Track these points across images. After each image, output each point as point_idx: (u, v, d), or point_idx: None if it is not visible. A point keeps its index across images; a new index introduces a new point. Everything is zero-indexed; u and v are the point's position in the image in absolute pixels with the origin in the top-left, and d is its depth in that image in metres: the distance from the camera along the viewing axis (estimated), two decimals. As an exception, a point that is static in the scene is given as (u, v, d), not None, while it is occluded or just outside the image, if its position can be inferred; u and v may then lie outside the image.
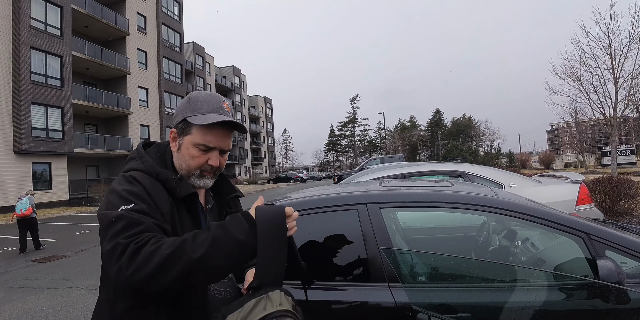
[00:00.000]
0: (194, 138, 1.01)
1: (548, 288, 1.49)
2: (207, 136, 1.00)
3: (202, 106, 1.02)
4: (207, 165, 1.03)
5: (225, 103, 1.06)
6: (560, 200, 3.68)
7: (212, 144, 1.01)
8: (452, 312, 1.47)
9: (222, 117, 1.00)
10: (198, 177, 1.04)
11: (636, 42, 12.34)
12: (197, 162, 1.02)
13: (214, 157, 1.03)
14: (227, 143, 1.04)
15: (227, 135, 1.04)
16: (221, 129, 1.02)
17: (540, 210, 1.70)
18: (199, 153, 1.01)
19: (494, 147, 77.06)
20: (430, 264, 1.78)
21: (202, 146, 1.01)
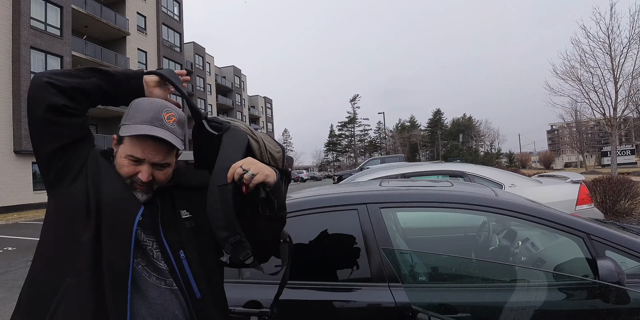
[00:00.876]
0: (125, 148, 0.96)
1: (548, 288, 1.49)
2: (134, 148, 0.94)
3: (138, 115, 0.95)
4: (137, 177, 0.96)
5: (168, 113, 0.97)
6: (560, 200, 3.68)
7: (140, 155, 0.94)
8: (452, 312, 1.47)
9: (152, 130, 0.92)
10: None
11: (636, 42, 12.35)
12: (126, 173, 0.96)
13: (143, 171, 0.95)
14: (158, 157, 0.96)
15: (160, 149, 0.95)
16: (152, 142, 0.94)
17: (540, 210, 1.70)
18: (128, 163, 0.95)
19: (494, 147, 77.10)
20: (430, 264, 1.78)
21: (130, 157, 0.95)
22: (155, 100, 1.00)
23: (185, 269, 0.96)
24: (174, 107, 1.02)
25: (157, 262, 0.95)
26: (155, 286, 0.94)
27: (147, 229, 0.96)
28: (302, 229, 1.78)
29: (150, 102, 0.99)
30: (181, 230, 0.99)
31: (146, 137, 0.92)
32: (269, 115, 66.39)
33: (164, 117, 0.96)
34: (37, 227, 12.88)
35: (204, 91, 40.26)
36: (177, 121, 0.99)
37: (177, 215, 1.01)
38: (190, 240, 0.99)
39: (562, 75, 13.93)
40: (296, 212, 1.77)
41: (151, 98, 1.01)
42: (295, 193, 2.26)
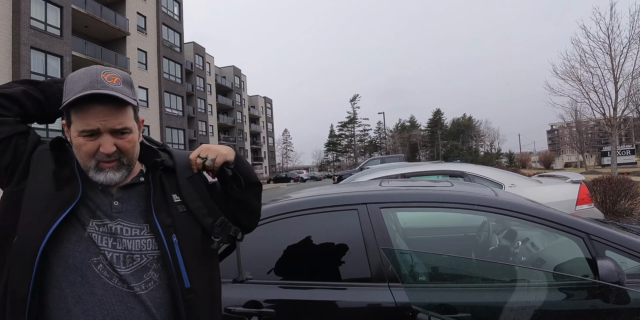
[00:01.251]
0: (74, 126, 0.85)
1: (548, 288, 1.49)
2: (84, 119, 0.83)
3: (75, 86, 0.84)
4: (101, 153, 0.85)
5: (107, 74, 0.87)
6: (560, 200, 3.68)
7: (93, 125, 0.83)
8: (452, 312, 1.47)
9: (91, 91, 0.82)
10: (96, 170, 0.87)
11: (636, 42, 12.34)
12: (86, 152, 0.85)
13: (104, 143, 0.84)
14: (113, 120, 0.84)
15: (112, 110, 0.84)
16: (99, 106, 0.83)
17: (540, 210, 1.70)
18: (85, 140, 0.84)
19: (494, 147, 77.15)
20: (430, 264, 1.78)
21: (83, 132, 0.84)
22: (90, 67, 0.89)
23: (177, 255, 0.88)
24: (115, 69, 0.92)
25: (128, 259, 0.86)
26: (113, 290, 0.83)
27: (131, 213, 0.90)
28: (302, 229, 1.79)
29: (85, 70, 0.89)
30: (174, 213, 0.92)
31: (90, 101, 0.82)
32: (269, 115, 66.38)
33: (103, 78, 0.85)
34: (37, 227, 13.09)
35: (203, 91, 40.27)
36: (122, 81, 0.88)
37: (169, 198, 0.94)
38: (182, 225, 0.92)
39: (562, 75, 13.92)
40: (296, 212, 1.78)
41: (82, 68, 0.92)
42: (295, 193, 2.26)
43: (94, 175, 0.87)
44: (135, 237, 0.88)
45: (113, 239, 0.86)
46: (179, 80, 29.60)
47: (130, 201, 0.92)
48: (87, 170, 0.88)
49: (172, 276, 0.86)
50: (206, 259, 0.97)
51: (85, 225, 0.85)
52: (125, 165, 0.89)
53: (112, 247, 0.85)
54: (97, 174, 0.87)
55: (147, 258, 0.87)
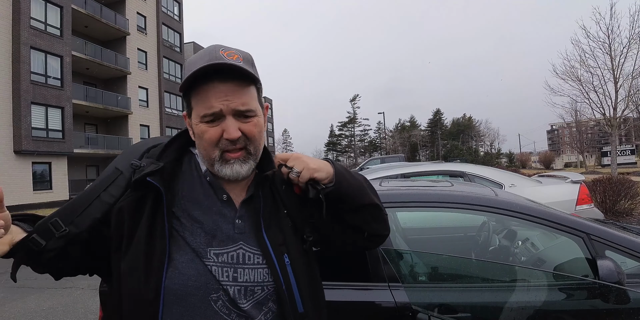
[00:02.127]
0: (195, 111, 0.76)
1: (548, 288, 1.49)
2: (205, 102, 0.73)
3: (194, 66, 0.73)
4: (225, 140, 0.74)
5: (225, 51, 0.75)
6: (560, 200, 3.68)
7: (215, 107, 0.72)
8: (452, 312, 1.47)
9: (209, 65, 0.72)
10: (221, 162, 0.76)
11: (636, 42, 12.34)
12: (208, 139, 0.74)
13: (226, 127, 0.73)
14: (237, 100, 0.73)
15: (235, 89, 0.73)
16: (220, 84, 0.72)
17: (540, 210, 1.70)
18: (207, 127, 0.74)
19: (494, 147, 77.13)
20: (430, 264, 1.78)
21: (205, 117, 0.74)
22: (208, 47, 0.78)
23: (289, 278, 0.77)
24: (235, 48, 0.79)
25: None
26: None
27: (253, 234, 0.78)
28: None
29: (202, 50, 0.78)
30: (285, 228, 0.80)
31: (209, 79, 0.72)
32: (269, 115, 65.88)
33: (222, 55, 0.74)
34: (37, 227, 13.05)
35: (204, 91, 40.25)
36: (242, 58, 0.76)
37: (279, 209, 0.82)
38: (293, 242, 0.80)
39: (562, 75, 13.94)
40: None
41: (205, 48, 0.80)
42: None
43: (220, 168, 0.77)
44: (257, 266, 0.77)
45: (234, 270, 0.75)
46: (179, 80, 29.58)
47: (251, 219, 0.80)
48: (211, 164, 0.77)
49: (286, 302, 0.76)
50: (310, 272, 0.84)
51: (202, 257, 0.74)
52: (252, 155, 0.78)
53: (233, 280, 0.75)
54: (222, 167, 0.76)
55: (269, 290, 0.77)
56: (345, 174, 0.83)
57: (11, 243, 0.68)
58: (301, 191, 0.81)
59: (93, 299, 4.31)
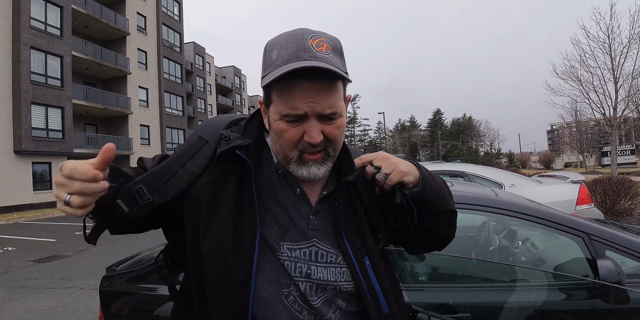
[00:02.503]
0: (276, 107, 0.69)
1: (548, 288, 1.49)
2: (290, 100, 0.66)
3: (280, 55, 0.67)
4: (305, 142, 0.69)
5: (314, 40, 0.67)
6: (560, 200, 3.68)
7: (299, 109, 0.66)
8: (452, 312, 1.47)
9: (300, 64, 0.63)
10: (298, 163, 0.71)
11: (636, 42, 12.35)
12: (288, 140, 0.69)
13: (308, 129, 0.68)
14: (324, 102, 0.67)
15: (324, 89, 0.66)
16: (307, 83, 0.65)
17: (540, 210, 1.70)
18: (288, 126, 0.69)
19: (494, 147, 77.13)
20: (430, 264, 1.78)
21: (288, 117, 0.68)
22: (295, 31, 0.70)
23: (371, 280, 0.75)
24: (323, 33, 0.71)
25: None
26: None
27: (328, 233, 0.75)
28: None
29: (288, 34, 0.70)
30: (363, 230, 0.77)
31: (297, 76, 0.64)
32: (269, 115, 66.30)
33: (311, 45, 0.67)
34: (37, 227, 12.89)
35: (203, 91, 40.27)
36: (331, 48, 0.69)
37: (357, 209, 0.78)
38: (372, 244, 0.77)
39: (562, 75, 13.96)
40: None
41: (287, 31, 0.71)
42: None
43: (295, 169, 0.72)
44: (331, 264, 0.74)
45: (307, 267, 0.73)
46: (179, 80, 29.59)
47: (327, 217, 0.76)
48: (287, 162, 0.73)
49: (369, 304, 0.74)
50: (389, 272, 0.83)
51: (275, 251, 0.72)
52: (330, 157, 0.73)
53: (305, 277, 0.72)
54: (299, 168, 0.72)
55: (341, 289, 0.75)
56: (429, 178, 0.79)
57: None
58: (383, 193, 0.77)
59: (93, 299, 4.31)
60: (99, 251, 7.41)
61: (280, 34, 0.71)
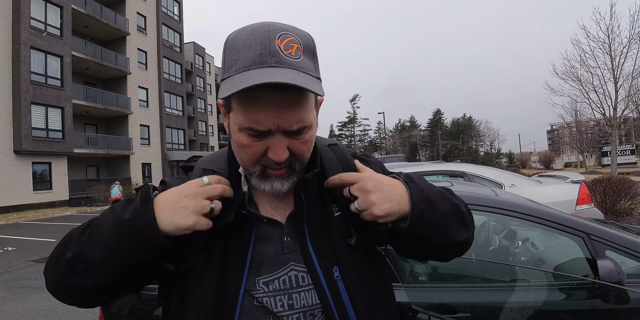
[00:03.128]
0: (236, 117, 0.60)
1: (548, 288, 1.49)
2: (252, 113, 0.58)
3: (241, 55, 0.58)
4: (268, 159, 0.62)
5: (282, 40, 0.58)
6: (560, 200, 3.68)
7: (263, 125, 0.58)
8: (452, 312, 1.47)
9: (267, 73, 0.55)
10: (260, 177, 0.64)
11: (636, 42, 12.34)
12: (250, 155, 0.62)
13: (273, 146, 0.60)
14: (290, 119, 0.58)
15: (290, 103, 0.58)
16: (273, 93, 0.56)
17: (540, 210, 1.70)
18: (249, 140, 0.60)
19: (494, 147, 77.14)
20: (430, 264, 1.78)
21: (249, 130, 0.59)
22: (260, 26, 0.59)
23: (341, 294, 0.64)
24: (292, 28, 0.61)
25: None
26: None
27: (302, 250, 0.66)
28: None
29: (252, 30, 0.59)
30: (334, 235, 0.68)
31: (262, 88, 0.54)
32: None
33: (278, 47, 0.57)
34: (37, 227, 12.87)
35: (203, 91, 40.27)
36: (302, 49, 0.60)
37: (329, 212, 0.69)
38: (345, 252, 0.67)
39: (562, 75, 13.94)
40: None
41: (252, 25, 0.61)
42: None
43: (258, 183, 0.65)
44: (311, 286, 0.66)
45: (288, 297, 0.64)
46: (179, 80, 29.60)
47: (298, 232, 0.67)
48: (248, 175, 0.66)
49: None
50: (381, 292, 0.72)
51: (250, 290, 0.64)
52: (296, 172, 0.65)
53: (289, 308, 0.64)
54: (261, 182, 0.65)
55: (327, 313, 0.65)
56: (426, 210, 0.64)
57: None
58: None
59: (93, 299, 4.31)
60: (99, 251, 7.40)
61: (243, 27, 0.61)
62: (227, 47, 0.61)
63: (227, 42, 0.61)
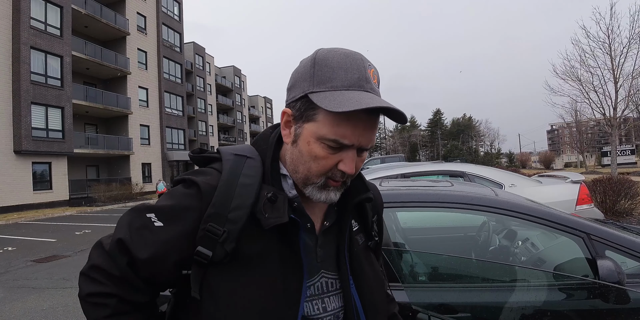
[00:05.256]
0: (319, 128, 0.63)
1: (548, 288, 1.49)
2: (341, 128, 0.62)
3: (336, 75, 0.63)
4: (337, 170, 0.65)
5: (371, 70, 0.65)
6: (560, 200, 3.68)
7: (349, 140, 0.63)
8: (452, 312, 1.47)
9: (367, 97, 0.61)
10: (319, 187, 0.67)
11: (636, 42, 12.33)
12: (322, 166, 0.65)
13: (347, 159, 0.64)
14: (371, 137, 0.65)
15: (373, 125, 0.64)
16: (365, 116, 0.62)
17: (540, 210, 1.70)
18: (326, 152, 0.64)
19: (494, 147, 77.12)
20: (430, 264, 1.78)
21: (332, 142, 0.63)
22: (351, 53, 0.66)
23: (355, 303, 0.72)
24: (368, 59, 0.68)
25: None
26: None
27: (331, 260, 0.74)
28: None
29: (343, 53, 0.65)
30: (353, 245, 0.76)
31: (361, 111, 0.59)
32: (269, 115, 66.40)
33: (369, 75, 0.64)
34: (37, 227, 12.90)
35: (203, 91, 40.26)
36: (377, 77, 0.68)
37: (349, 226, 0.75)
38: (361, 263, 0.76)
39: (562, 75, 13.93)
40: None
41: (336, 49, 0.66)
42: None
43: (314, 192, 0.67)
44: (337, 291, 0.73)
45: (321, 301, 0.71)
46: (179, 80, 29.60)
47: (330, 244, 0.74)
48: (305, 184, 0.68)
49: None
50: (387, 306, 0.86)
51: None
52: (345, 185, 0.70)
53: (323, 311, 0.70)
54: (318, 192, 0.67)
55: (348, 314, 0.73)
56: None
57: None
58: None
59: (93, 299, 4.30)
60: (99, 251, 7.41)
61: (332, 49, 0.67)
62: (318, 63, 0.64)
63: (316, 59, 0.65)
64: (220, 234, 0.63)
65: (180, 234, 0.65)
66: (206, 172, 0.70)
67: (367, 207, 0.81)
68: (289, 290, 0.66)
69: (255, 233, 0.66)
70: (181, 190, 0.69)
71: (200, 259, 0.64)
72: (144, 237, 0.65)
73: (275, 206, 0.66)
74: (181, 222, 0.65)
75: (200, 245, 0.64)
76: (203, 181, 0.67)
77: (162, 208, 0.67)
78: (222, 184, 0.66)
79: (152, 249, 0.65)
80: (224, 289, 0.64)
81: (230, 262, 0.64)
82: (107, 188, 19.78)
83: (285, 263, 0.67)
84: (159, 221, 0.66)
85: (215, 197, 0.65)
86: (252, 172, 0.68)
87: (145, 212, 0.67)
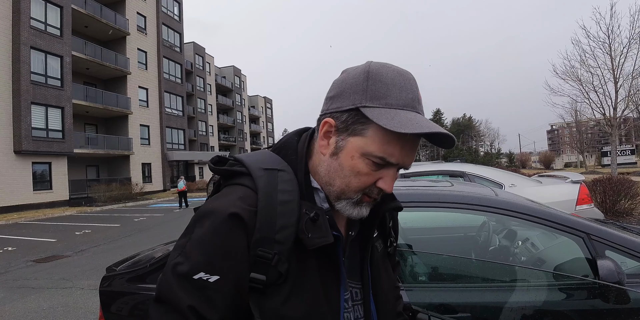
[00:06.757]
0: (367, 144, 0.62)
1: (548, 288, 1.49)
2: (390, 146, 0.61)
3: (391, 92, 0.62)
4: (375, 187, 0.65)
5: (418, 90, 0.66)
6: (560, 200, 3.68)
7: (395, 159, 0.62)
8: (452, 312, 1.47)
9: (423, 121, 0.61)
10: (354, 203, 0.66)
11: (636, 42, 12.35)
12: (362, 182, 0.64)
13: (388, 178, 0.64)
14: (413, 158, 0.66)
15: (417, 145, 0.65)
16: (413, 137, 0.62)
17: (540, 210, 1.70)
18: (369, 169, 0.63)
19: (494, 147, 77.11)
20: (430, 264, 1.78)
21: (378, 159, 0.62)
22: (403, 71, 0.66)
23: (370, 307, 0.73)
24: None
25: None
26: None
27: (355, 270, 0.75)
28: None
29: (397, 71, 0.65)
30: (374, 253, 0.77)
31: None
32: (269, 115, 66.37)
33: (420, 97, 0.65)
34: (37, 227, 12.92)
35: (203, 91, 40.26)
36: (421, 97, 0.67)
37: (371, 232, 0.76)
38: (379, 272, 0.77)
39: (562, 75, 13.95)
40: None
41: (388, 65, 0.66)
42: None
43: (347, 208, 0.67)
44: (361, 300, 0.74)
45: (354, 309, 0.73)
46: (179, 80, 29.60)
47: (354, 254, 0.75)
48: (337, 199, 0.67)
49: None
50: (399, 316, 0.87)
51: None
52: (376, 201, 0.70)
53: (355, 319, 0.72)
54: (351, 208, 0.66)
55: None
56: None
57: None
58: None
59: (93, 299, 4.31)
60: (99, 251, 7.41)
61: (385, 64, 0.66)
62: (372, 77, 0.63)
63: (370, 72, 0.63)
64: (272, 257, 0.60)
65: (239, 276, 0.61)
66: (239, 194, 0.64)
67: (386, 214, 0.80)
68: (331, 302, 0.66)
69: (298, 250, 0.63)
70: (220, 226, 0.61)
71: (256, 285, 0.61)
72: (210, 298, 0.60)
73: (317, 225, 0.63)
74: (235, 263, 0.61)
75: (253, 271, 0.61)
76: (242, 208, 0.61)
77: (210, 261, 0.60)
78: (262, 205, 0.62)
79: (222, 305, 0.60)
80: (277, 310, 0.62)
81: (283, 282, 0.62)
82: (107, 188, 19.77)
83: (324, 277, 0.66)
84: (213, 276, 0.60)
85: (259, 222, 0.61)
86: (289, 186, 0.65)
87: (192, 274, 0.60)
